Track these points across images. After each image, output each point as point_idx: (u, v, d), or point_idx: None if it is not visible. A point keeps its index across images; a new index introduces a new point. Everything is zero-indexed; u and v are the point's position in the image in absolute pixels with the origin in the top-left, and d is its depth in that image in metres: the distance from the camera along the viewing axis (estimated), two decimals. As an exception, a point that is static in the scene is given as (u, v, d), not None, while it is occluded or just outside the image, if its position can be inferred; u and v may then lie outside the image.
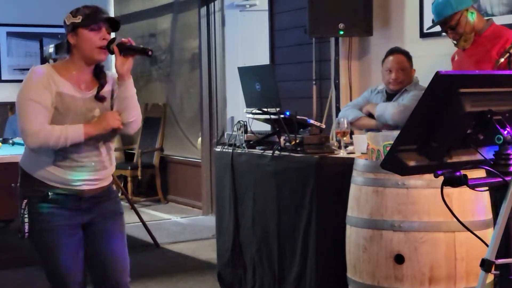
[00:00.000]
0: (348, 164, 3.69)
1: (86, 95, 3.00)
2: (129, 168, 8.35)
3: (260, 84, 4.33)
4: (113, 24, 3.00)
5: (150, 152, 8.58)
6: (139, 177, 8.42)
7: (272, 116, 4.20)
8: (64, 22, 2.98)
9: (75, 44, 2.97)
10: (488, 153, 1.99)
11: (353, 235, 3.53)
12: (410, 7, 5.32)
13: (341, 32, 5.34)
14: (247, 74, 4.56)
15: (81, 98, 2.98)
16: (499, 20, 4.38)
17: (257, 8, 7.42)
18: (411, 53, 4.65)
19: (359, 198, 3.49)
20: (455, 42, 4.16)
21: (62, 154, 2.95)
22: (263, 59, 6.62)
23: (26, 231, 2.98)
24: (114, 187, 3.20)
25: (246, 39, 7.55)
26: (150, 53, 2.98)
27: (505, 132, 1.92)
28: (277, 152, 4.15)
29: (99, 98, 3.02)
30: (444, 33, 4.24)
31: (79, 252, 3.07)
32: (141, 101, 5.13)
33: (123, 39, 3.00)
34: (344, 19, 5.30)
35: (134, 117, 3.05)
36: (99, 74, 3.06)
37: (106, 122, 2.97)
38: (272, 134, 4.37)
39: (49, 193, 2.97)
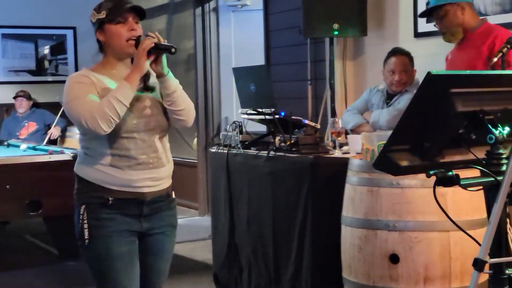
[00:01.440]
0: (343, 164, 3.69)
1: None
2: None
3: (255, 85, 4.32)
4: (139, 12, 2.86)
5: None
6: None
7: (267, 117, 4.20)
8: (91, 21, 2.86)
9: (104, 41, 2.85)
10: (480, 153, 1.99)
11: (348, 235, 3.53)
12: (404, 7, 5.32)
13: (336, 33, 5.35)
14: (242, 74, 4.56)
15: None
16: (492, 20, 4.39)
17: (249, 8, 7.42)
18: (405, 53, 4.67)
19: (354, 198, 3.49)
20: (442, 34, 4.21)
21: (117, 153, 2.81)
22: (258, 59, 6.62)
23: (86, 237, 2.81)
24: (173, 193, 3.02)
25: (240, 40, 7.54)
26: (173, 50, 2.81)
27: (497, 132, 1.92)
28: (272, 153, 4.15)
29: (148, 88, 2.90)
30: (434, 25, 4.29)
31: (136, 262, 2.90)
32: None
33: (149, 32, 2.83)
34: (339, 20, 5.30)
35: (184, 108, 2.93)
36: None
37: (138, 56, 2.78)
38: (267, 135, 4.38)
39: (110, 198, 2.81)
